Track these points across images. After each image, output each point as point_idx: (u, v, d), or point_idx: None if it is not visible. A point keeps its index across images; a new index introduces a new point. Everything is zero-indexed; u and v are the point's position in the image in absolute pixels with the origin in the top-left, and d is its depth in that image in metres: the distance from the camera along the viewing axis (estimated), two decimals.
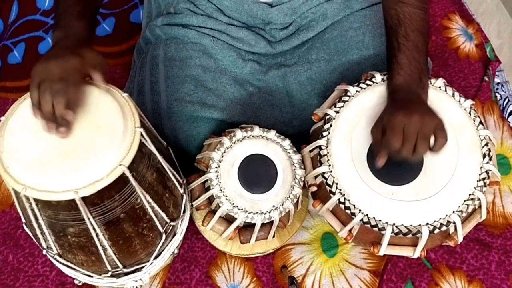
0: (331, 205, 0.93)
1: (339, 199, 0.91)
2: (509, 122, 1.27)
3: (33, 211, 0.76)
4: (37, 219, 0.77)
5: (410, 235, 0.89)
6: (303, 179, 0.96)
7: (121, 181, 0.74)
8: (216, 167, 0.94)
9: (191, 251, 1.11)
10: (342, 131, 0.95)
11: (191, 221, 1.01)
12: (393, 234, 0.89)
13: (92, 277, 0.91)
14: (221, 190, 0.93)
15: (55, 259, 0.87)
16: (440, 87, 0.98)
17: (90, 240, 0.80)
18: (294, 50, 1.16)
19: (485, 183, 0.91)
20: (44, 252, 0.87)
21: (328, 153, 0.93)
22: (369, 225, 0.90)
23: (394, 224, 0.89)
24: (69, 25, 0.86)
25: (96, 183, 0.70)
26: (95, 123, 0.75)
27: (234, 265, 1.09)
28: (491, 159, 0.93)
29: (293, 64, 1.15)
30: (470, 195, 0.90)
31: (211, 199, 0.96)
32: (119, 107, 0.76)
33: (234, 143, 0.97)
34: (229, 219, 0.96)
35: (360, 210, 0.89)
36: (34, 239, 0.86)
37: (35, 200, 0.73)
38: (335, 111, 0.96)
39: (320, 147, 0.94)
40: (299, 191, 0.95)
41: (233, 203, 0.93)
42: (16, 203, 0.79)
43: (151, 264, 0.93)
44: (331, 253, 1.10)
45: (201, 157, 0.99)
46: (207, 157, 0.97)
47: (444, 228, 0.89)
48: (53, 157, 0.72)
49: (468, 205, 0.89)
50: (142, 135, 0.76)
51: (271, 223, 0.95)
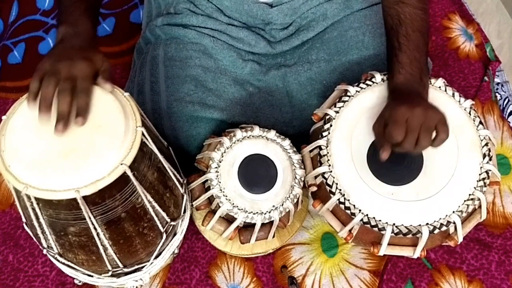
0: (331, 205, 0.93)
1: (339, 199, 0.91)
2: (509, 122, 1.27)
3: (34, 210, 0.76)
4: (38, 218, 0.77)
5: (410, 235, 0.89)
6: (303, 179, 0.96)
7: (122, 180, 0.74)
8: (216, 167, 0.94)
9: (191, 251, 1.11)
10: (342, 131, 0.95)
11: (191, 221, 1.01)
12: (393, 234, 0.89)
13: (92, 276, 0.91)
14: (221, 190, 0.93)
15: (56, 258, 0.87)
16: (440, 87, 0.98)
17: (90, 239, 0.80)
18: (294, 50, 1.16)
19: (485, 183, 0.91)
20: (44, 251, 0.87)
21: (328, 153, 0.93)
22: (369, 225, 0.90)
23: (394, 224, 0.89)
24: (77, 21, 0.86)
25: (97, 182, 0.70)
26: (97, 123, 0.75)
27: (234, 265, 1.09)
28: (491, 159, 0.93)
29: (293, 64, 1.15)
30: (470, 195, 0.90)
31: (211, 199, 0.96)
32: (120, 107, 0.76)
33: (234, 143, 0.97)
34: (229, 219, 0.96)
35: (360, 210, 0.89)
36: (34, 239, 0.86)
37: (36, 199, 0.73)
38: (335, 111, 0.96)
39: (320, 147, 0.94)
40: (299, 191, 0.95)
41: (233, 203, 0.93)
42: (17, 202, 0.79)
43: (151, 263, 0.93)
44: (331, 253, 1.10)
45: (201, 157, 0.99)
46: (207, 157, 0.97)
47: (444, 228, 0.89)
48: (54, 156, 0.72)
49: (468, 205, 0.90)
50: (143, 134, 0.77)
51: (271, 223, 0.95)
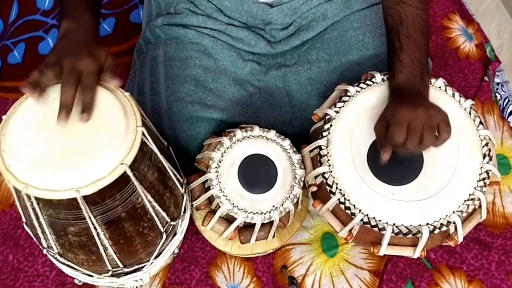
0: (331, 205, 0.93)
1: (339, 199, 0.91)
2: (509, 122, 1.27)
3: (34, 210, 0.75)
4: (38, 218, 0.77)
5: (410, 235, 0.89)
6: (303, 179, 0.96)
7: (123, 180, 0.74)
8: (216, 167, 0.94)
9: (191, 251, 1.11)
10: (342, 131, 0.95)
11: (191, 221, 1.01)
12: (393, 234, 0.89)
13: (92, 276, 0.91)
14: (221, 190, 0.93)
15: (56, 258, 0.87)
16: (440, 87, 0.98)
17: (91, 239, 0.79)
18: (294, 50, 1.16)
19: (485, 183, 0.91)
20: (44, 251, 0.86)
21: (328, 153, 0.93)
22: (369, 225, 0.90)
23: (394, 224, 0.89)
24: (80, 16, 0.86)
25: (97, 181, 0.70)
26: (97, 122, 0.75)
27: (234, 265, 1.09)
28: (491, 159, 0.93)
29: (293, 64, 1.15)
30: (470, 195, 0.90)
31: (211, 199, 0.96)
32: (121, 106, 0.76)
33: (234, 143, 0.97)
34: (229, 219, 0.96)
35: (360, 210, 0.89)
36: (34, 239, 0.86)
37: (36, 198, 0.73)
38: (335, 111, 0.96)
39: (320, 147, 0.94)
40: (299, 191, 0.95)
41: (233, 203, 0.93)
42: (17, 202, 0.79)
43: (151, 263, 0.93)
44: (331, 253, 1.10)
45: (201, 157, 0.99)
46: (207, 157, 0.97)
47: (444, 228, 0.89)
48: (54, 156, 0.71)
49: (468, 205, 0.89)
50: (143, 134, 0.76)
51: (271, 223, 0.95)
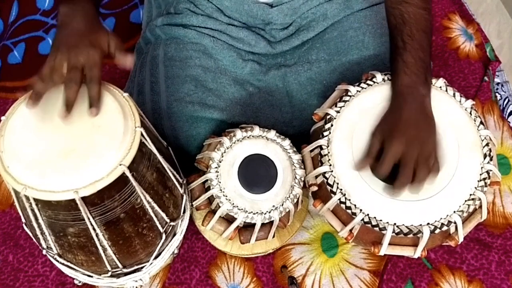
0: (331, 205, 0.93)
1: (340, 199, 0.90)
2: (509, 122, 1.27)
3: (33, 211, 0.75)
4: (37, 219, 0.77)
5: (411, 235, 0.89)
6: (303, 179, 0.96)
7: (121, 181, 0.73)
8: (216, 167, 0.94)
9: (191, 251, 1.11)
10: (343, 131, 0.94)
11: (191, 221, 1.00)
12: (394, 234, 0.89)
13: (92, 277, 0.91)
14: (221, 190, 0.93)
15: (55, 259, 0.87)
16: (440, 87, 0.98)
17: (90, 240, 0.79)
18: (294, 50, 1.16)
19: (485, 183, 0.91)
20: (44, 252, 0.86)
21: (329, 152, 0.93)
22: (370, 225, 0.89)
23: (395, 224, 0.88)
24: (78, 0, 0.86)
25: (96, 183, 0.70)
26: (96, 123, 0.75)
27: (234, 265, 1.09)
28: (491, 159, 0.93)
29: (293, 64, 1.15)
30: (471, 195, 0.90)
31: (211, 199, 0.96)
32: (119, 107, 0.76)
33: (234, 143, 0.96)
34: (229, 219, 0.96)
35: (361, 210, 0.89)
36: (34, 239, 0.86)
37: (35, 200, 0.73)
38: (336, 111, 0.96)
39: (321, 147, 0.94)
40: (299, 191, 0.95)
41: (233, 203, 0.92)
42: (16, 203, 0.79)
43: (151, 264, 0.93)
44: (331, 253, 1.10)
45: (201, 157, 0.99)
46: (207, 157, 0.97)
47: (445, 228, 0.89)
48: (53, 156, 0.71)
49: (469, 205, 0.89)
50: (142, 134, 0.76)
51: (271, 223, 0.95)
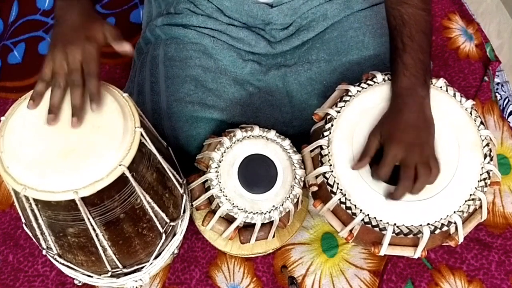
0: (332, 205, 0.93)
1: (340, 199, 0.90)
2: (509, 122, 1.27)
3: (33, 211, 0.75)
4: (36, 219, 0.77)
5: (411, 235, 0.89)
6: (303, 179, 0.96)
7: (121, 181, 0.73)
8: (216, 167, 0.94)
9: (191, 251, 1.11)
10: (343, 131, 0.94)
11: (191, 221, 1.00)
12: (394, 234, 0.89)
13: (92, 277, 0.91)
14: (221, 190, 0.93)
15: (55, 259, 0.87)
16: (441, 87, 0.98)
17: (90, 240, 0.79)
18: (294, 50, 1.16)
19: (486, 183, 0.91)
20: (44, 252, 0.86)
21: (329, 153, 0.93)
22: (370, 225, 0.89)
23: (395, 224, 0.88)
24: None
25: (96, 183, 0.70)
26: (95, 123, 0.74)
27: (234, 265, 1.09)
28: (492, 160, 0.92)
29: (293, 64, 1.15)
30: (471, 195, 0.90)
31: (211, 199, 0.96)
32: (119, 107, 0.76)
33: (234, 143, 0.96)
34: (229, 219, 0.96)
35: (361, 210, 0.89)
36: (34, 239, 0.86)
37: (35, 200, 0.72)
38: (336, 111, 0.96)
39: (321, 147, 0.94)
40: (299, 191, 0.95)
41: (233, 203, 0.92)
42: (16, 203, 0.79)
43: (151, 264, 0.93)
44: (331, 253, 1.10)
45: (201, 157, 0.99)
46: (207, 157, 0.97)
47: (445, 228, 0.89)
48: (53, 157, 0.71)
49: (469, 205, 0.89)
50: (142, 135, 0.76)
51: (271, 223, 0.95)
